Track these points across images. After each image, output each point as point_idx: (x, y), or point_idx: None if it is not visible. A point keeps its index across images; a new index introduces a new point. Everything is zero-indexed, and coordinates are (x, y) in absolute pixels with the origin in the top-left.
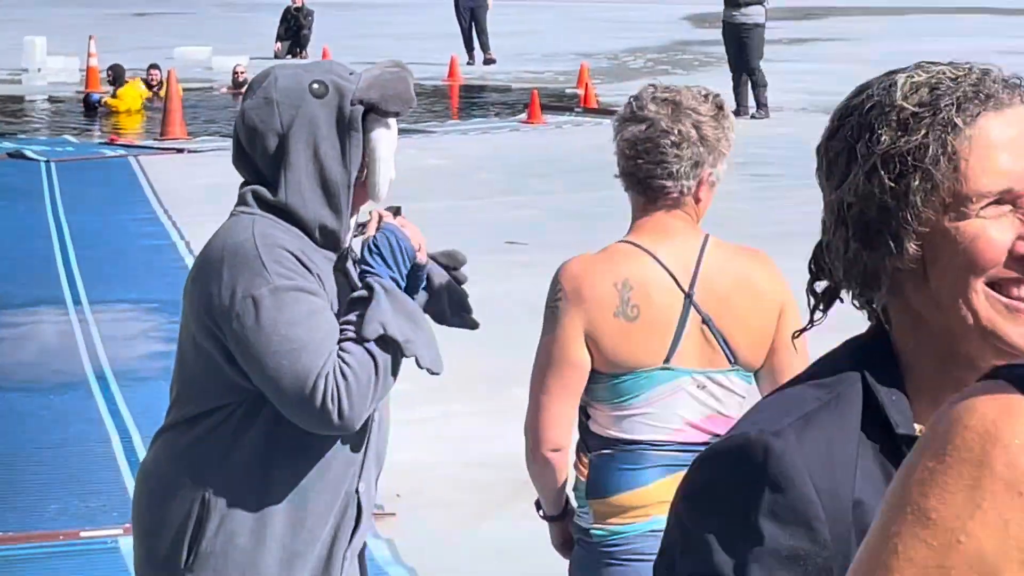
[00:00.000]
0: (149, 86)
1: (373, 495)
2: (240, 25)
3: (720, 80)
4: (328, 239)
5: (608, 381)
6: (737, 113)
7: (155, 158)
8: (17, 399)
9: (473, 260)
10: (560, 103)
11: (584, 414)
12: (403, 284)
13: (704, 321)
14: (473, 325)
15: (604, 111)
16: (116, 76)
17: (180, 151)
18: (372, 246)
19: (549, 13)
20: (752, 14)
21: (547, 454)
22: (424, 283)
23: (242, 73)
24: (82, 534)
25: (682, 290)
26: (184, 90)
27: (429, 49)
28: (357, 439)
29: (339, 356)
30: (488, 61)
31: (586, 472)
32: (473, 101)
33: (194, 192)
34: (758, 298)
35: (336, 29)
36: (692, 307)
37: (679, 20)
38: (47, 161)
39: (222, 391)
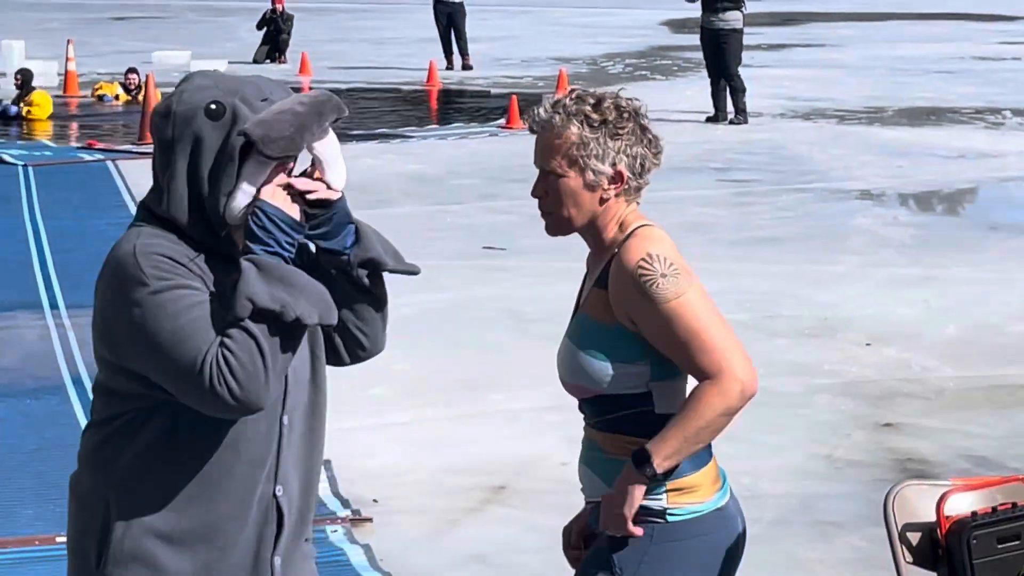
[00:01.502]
0: (127, 90)
1: (300, 499)
2: (218, 30)
3: (698, 85)
4: (212, 255)
5: None
6: (715, 119)
7: (133, 163)
8: None
9: (450, 265)
10: None
11: (644, 402)
12: (287, 251)
13: None
14: (415, 270)
15: None
16: (25, 81)
17: None
18: (246, 232)
19: (527, 18)
20: (730, 19)
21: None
22: (353, 236)
23: None
24: (58, 539)
25: None
26: (163, 95)
27: (408, 54)
28: (263, 441)
29: (221, 341)
30: (466, 67)
31: None
32: (452, 106)
33: None
34: None
35: (315, 34)
36: None
37: (657, 25)
38: (25, 165)
39: (122, 397)
